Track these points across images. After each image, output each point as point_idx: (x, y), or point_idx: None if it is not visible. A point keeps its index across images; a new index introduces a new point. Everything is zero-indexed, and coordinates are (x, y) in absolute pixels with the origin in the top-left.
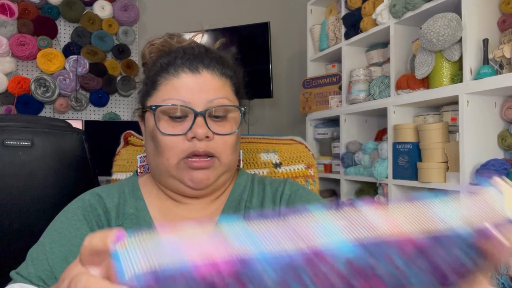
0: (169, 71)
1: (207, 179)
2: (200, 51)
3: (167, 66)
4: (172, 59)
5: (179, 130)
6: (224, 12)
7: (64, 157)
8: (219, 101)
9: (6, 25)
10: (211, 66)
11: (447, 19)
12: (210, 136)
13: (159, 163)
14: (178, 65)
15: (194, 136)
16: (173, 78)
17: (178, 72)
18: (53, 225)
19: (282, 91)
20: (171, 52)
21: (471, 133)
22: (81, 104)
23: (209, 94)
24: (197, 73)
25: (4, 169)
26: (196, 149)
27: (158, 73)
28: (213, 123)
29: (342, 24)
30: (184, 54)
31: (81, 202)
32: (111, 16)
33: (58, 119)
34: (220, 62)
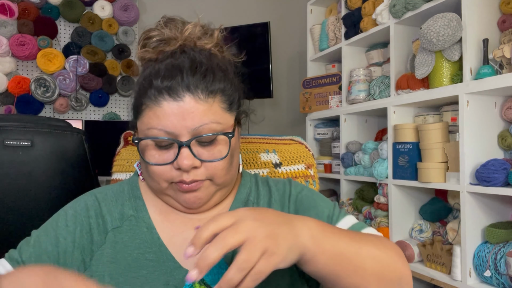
0: (150, 96)
1: (200, 199)
2: (182, 66)
3: (148, 88)
4: (151, 80)
5: (166, 159)
6: (224, 12)
7: (64, 157)
8: (205, 128)
9: (6, 25)
10: (194, 88)
11: (447, 19)
12: (197, 165)
13: (152, 185)
14: (158, 89)
15: (180, 168)
16: (154, 106)
17: (158, 100)
18: (46, 225)
19: (282, 91)
20: (152, 70)
21: (471, 133)
22: (81, 104)
23: (194, 121)
24: (179, 99)
25: (4, 169)
26: (183, 179)
27: (141, 96)
28: (201, 149)
29: (342, 24)
30: (165, 73)
31: (76, 203)
32: (111, 16)
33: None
34: (206, 79)
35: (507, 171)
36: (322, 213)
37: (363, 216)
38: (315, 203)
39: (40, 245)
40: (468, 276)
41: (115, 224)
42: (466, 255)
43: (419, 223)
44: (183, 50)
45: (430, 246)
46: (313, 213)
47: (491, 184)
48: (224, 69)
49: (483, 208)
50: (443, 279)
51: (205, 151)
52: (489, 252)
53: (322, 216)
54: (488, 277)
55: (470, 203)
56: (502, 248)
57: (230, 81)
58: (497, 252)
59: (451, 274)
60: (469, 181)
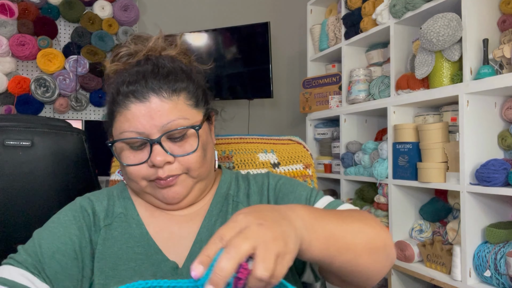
0: (119, 102)
1: (178, 193)
2: (145, 71)
3: (116, 96)
4: (118, 87)
5: (140, 158)
6: (224, 12)
7: (64, 157)
8: (174, 124)
9: (6, 25)
10: (158, 89)
11: (447, 19)
12: (170, 160)
13: (132, 186)
14: (125, 94)
15: (154, 164)
16: (124, 110)
17: (126, 103)
18: (45, 225)
19: (282, 91)
20: (118, 78)
21: (471, 133)
22: (81, 104)
23: (162, 119)
24: (145, 100)
25: (4, 169)
26: (158, 176)
27: (112, 104)
28: (173, 145)
29: (342, 24)
30: (130, 79)
31: (73, 205)
32: (111, 16)
33: (58, 119)
34: (168, 80)
35: (507, 171)
36: (300, 196)
37: None
38: (293, 188)
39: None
40: (468, 276)
41: (107, 222)
42: (466, 255)
43: (419, 223)
44: (148, 58)
45: (430, 246)
46: (292, 197)
47: (491, 184)
48: (186, 69)
49: (483, 208)
50: (443, 279)
51: (177, 147)
52: (489, 252)
53: (300, 199)
54: (488, 277)
55: (470, 203)
56: (502, 248)
57: (193, 80)
58: (497, 252)
59: (451, 274)
60: (469, 181)
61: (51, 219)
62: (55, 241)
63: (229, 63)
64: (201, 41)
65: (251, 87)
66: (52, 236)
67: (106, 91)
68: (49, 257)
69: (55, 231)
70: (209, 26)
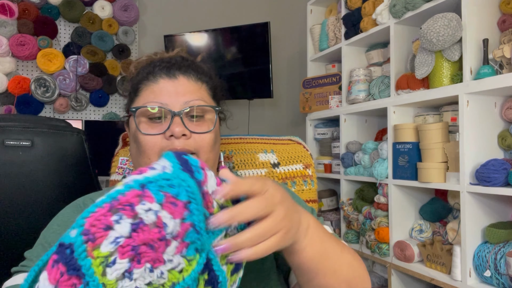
0: (149, 78)
1: None
2: (177, 60)
3: (147, 75)
4: (151, 68)
5: (158, 130)
6: (224, 12)
7: (64, 157)
8: (195, 102)
9: (6, 25)
10: (187, 72)
11: (447, 19)
12: (187, 134)
13: (142, 163)
14: (156, 72)
15: (172, 134)
16: (152, 84)
17: (157, 78)
18: (49, 228)
19: (282, 91)
20: (151, 63)
21: (471, 133)
22: (81, 104)
23: (186, 97)
24: (174, 78)
25: (4, 169)
26: (174, 147)
27: (139, 81)
28: (191, 123)
29: (342, 24)
30: (162, 63)
31: (75, 206)
32: (111, 16)
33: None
34: (195, 69)
35: (507, 171)
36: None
37: (363, 216)
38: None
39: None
40: (468, 276)
41: None
42: (466, 255)
43: (419, 223)
44: (177, 55)
45: (430, 246)
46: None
47: (491, 184)
48: (208, 70)
49: (483, 208)
50: (443, 279)
51: (194, 125)
52: (489, 252)
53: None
54: (488, 277)
55: (470, 203)
56: (502, 248)
57: (213, 79)
58: (497, 252)
59: (451, 274)
60: (469, 181)
61: (55, 220)
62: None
63: (229, 63)
64: (201, 41)
65: (251, 87)
66: (58, 237)
67: (128, 75)
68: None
69: (61, 232)
70: (209, 26)
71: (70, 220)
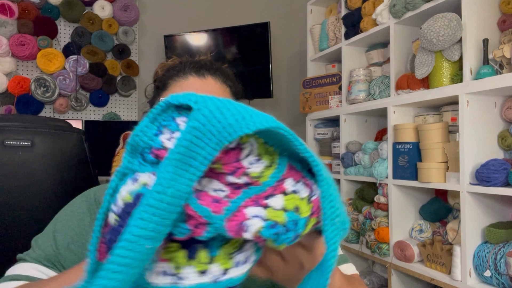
0: (179, 75)
1: None
2: (206, 62)
3: (177, 72)
4: (182, 67)
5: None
6: (224, 12)
7: (64, 157)
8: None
9: (6, 25)
10: (215, 74)
11: (447, 19)
12: None
13: None
14: (186, 70)
15: None
16: (182, 80)
17: (186, 75)
18: (58, 217)
19: (282, 91)
20: (181, 62)
21: (471, 133)
22: (81, 104)
23: (213, 96)
24: (203, 77)
25: (4, 169)
26: None
27: (168, 77)
28: None
29: (342, 24)
30: (192, 63)
31: (85, 197)
32: (111, 16)
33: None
34: (222, 72)
35: (507, 171)
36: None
37: (363, 216)
38: None
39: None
40: (468, 276)
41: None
42: (466, 255)
43: (419, 223)
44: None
45: (430, 246)
46: None
47: (491, 184)
48: (232, 76)
49: (483, 208)
50: (443, 279)
51: None
52: (489, 252)
53: None
54: (488, 277)
55: (470, 203)
56: (502, 248)
57: (236, 85)
58: (497, 252)
59: (451, 274)
60: (469, 181)
61: (64, 211)
62: (69, 232)
63: (229, 63)
64: (201, 41)
65: (251, 87)
66: (66, 227)
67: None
68: (64, 248)
69: (69, 223)
70: (209, 26)
71: (79, 211)
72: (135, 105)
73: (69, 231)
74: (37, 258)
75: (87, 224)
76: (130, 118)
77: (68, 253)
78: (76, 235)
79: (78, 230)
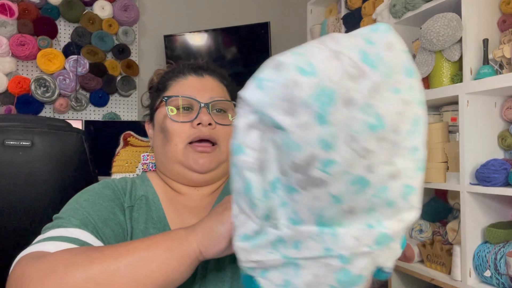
0: (179, 74)
1: (210, 163)
2: (203, 64)
3: (177, 73)
4: (180, 69)
5: (186, 119)
6: (224, 12)
7: (64, 157)
8: (220, 97)
9: (6, 25)
10: (213, 73)
11: (447, 19)
12: (212, 123)
13: (167, 151)
14: (185, 71)
15: (200, 122)
16: (181, 80)
17: (186, 75)
18: (79, 198)
19: None
20: (179, 65)
21: (471, 133)
22: (81, 104)
23: (212, 93)
24: (201, 76)
25: (4, 169)
26: (201, 133)
27: (168, 78)
28: (215, 116)
29: (342, 24)
30: (190, 64)
31: (106, 183)
32: (111, 16)
33: (58, 119)
34: (219, 72)
35: (507, 171)
36: None
37: None
38: None
39: (100, 212)
40: (468, 276)
41: (128, 204)
42: (466, 255)
43: (419, 223)
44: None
45: (430, 246)
46: None
47: (491, 184)
48: (227, 76)
49: (483, 208)
50: (443, 279)
51: (218, 118)
52: (489, 252)
53: None
54: (488, 277)
55: (470, 203)
56: (502, 248)
57: (231, 84)
58: (497, 252)
59: (451, 274)
60: (469, 181)
61: (85, 194)
62: (103, 210)
63: (229, 63)
64: (201, 41)
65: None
66: (98, 206)
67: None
68: (102, 222)
69: (99, 202)
70: (209, 26)
71: (105, 193)
72: (135, 105)
73: (102, 208)
74: (78, 225)
75: (117, 205)
76: (130, 118)
77: (106, 228)
78: (111, 214)
79: (111, 209)
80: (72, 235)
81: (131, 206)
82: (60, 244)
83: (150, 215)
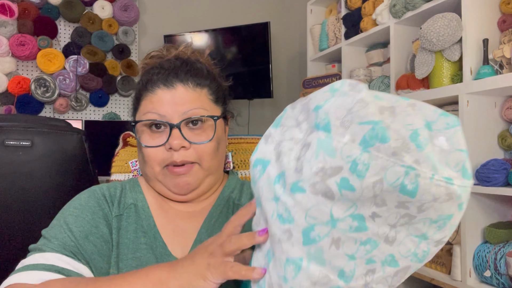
0: (147, 88)
1: (189, 184)
2: (176, 65)
3: (146, 84)
4: (150, 76)
5: (158, 142)
6: (224, 12)
7: (64, 157)
8: (194, 112)
9: (6, 25)
10: (185, 79)
11: (447, 19)
12: (186, 145)
13: (146, 171)
14: (154, 81)
15: (171, 147)
16: (150, 94)
17: (154, 89)
18: (65, 211)
19: (282, 91)
20: (150, 69)
21: (471, 133)
22: (81, 104)
23: (184, 107)
24: (172, 87)
25: (4, 169)
26: (173, 160)
27: (140, 91)
28: (190, 132)
29: (342, 24)
30: (161, 70)
31: (91, 192)
32: (111, 16)
33: (58, 119)
34: (194, 74)
35: (507, 171)
36: None
37: None
38: None
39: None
40: (468, 276)
41: (117, 212)
42: (466, 255)
43: None
44: (178, 57)
45: None
46: None
47: (491, 184)
48: (210, 71)
49: (483, 208)
50: (443, 279)
51: (194, 134)
52: (489, 252)
53: None
54: (488, 277)
55: (470, 203)
56: (502, 248)
57: (216, 81)
58: (497, 252)
59: (451, 274)
60: None
61: (71, 206)
62: (85, 225)
63: (229, 63)
64: (201, 41)
65: (251, 87)
66: (79, 220)
67: (136, 83)
68: (83, 239)
69: (83, 216)
70: (209, 26)
71: (89, 205)
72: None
73: (84, 223)
74: (56, 248)
75: (101, 217)
76: (130, 118)
77: (88, 244)
78: (93, 227)
79: (93, 223)
80: (48, 262)
81: (119, 215)
82: (36, 274)
83: (140, 224)
